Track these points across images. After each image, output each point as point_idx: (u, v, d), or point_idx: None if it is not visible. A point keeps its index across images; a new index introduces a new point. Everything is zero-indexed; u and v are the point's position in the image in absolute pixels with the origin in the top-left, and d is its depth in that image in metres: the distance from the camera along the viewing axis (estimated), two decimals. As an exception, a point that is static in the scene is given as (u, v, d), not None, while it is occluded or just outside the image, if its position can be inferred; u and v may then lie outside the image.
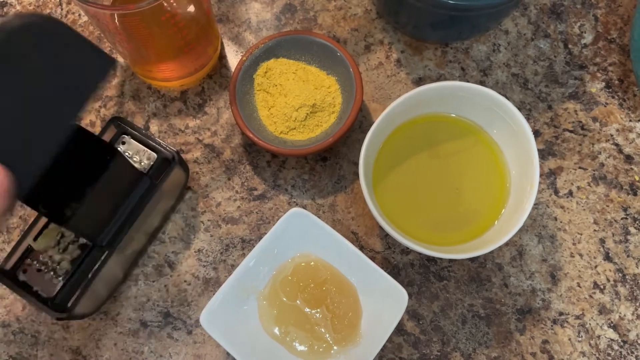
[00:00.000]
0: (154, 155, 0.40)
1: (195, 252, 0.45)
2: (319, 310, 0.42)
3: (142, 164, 0.40)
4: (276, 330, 0.42)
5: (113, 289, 0.43)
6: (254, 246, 0.45)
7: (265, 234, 0.45)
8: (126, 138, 0.41)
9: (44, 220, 0.38)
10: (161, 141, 0.41)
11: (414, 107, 0.43)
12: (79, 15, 0.51)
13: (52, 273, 0.38)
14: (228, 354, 0.43)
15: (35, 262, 0.38)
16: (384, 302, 0.41)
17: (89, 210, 0.33)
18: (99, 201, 0.34)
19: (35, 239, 0.37)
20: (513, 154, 0.42)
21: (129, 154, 0.40)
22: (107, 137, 0.40)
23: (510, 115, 0.41)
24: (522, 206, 0.40)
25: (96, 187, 0.32)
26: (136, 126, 0.41)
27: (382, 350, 0.43)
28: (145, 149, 0.41)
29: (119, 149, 0.40)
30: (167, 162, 0.41)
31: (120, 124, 0.41)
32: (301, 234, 0.42)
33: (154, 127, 0.48)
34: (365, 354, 0.40)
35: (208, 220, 0.46)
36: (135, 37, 0.40)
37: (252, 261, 0.41)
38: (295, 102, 0.45)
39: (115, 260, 0.39)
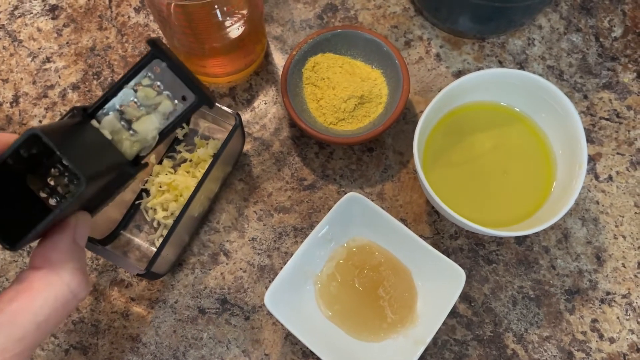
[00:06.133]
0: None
1: (249, 240, 0.47)
2: (375, 292, 0.43)
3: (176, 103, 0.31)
4: (333, 313, 0.43)
5: (180, 252, 0.46)
6: (306, 234, 0.47)
7: (317, 222, 0.47)
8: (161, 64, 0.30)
9: None
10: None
11: (460, 96, 0.45)
12: (128, 17, 0.53)
13: None
14: (285, 338, 0.44)
15: None
16: (439, 283, 0.42)
17: None
18: None
19: None
20: (558, 136, 0.44)
21: (159, 86, 0.31)
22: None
23: (555, 99, 0.43)
24: (571, 186, 0.41)
25: None
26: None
27: (436, 332, 0.44)
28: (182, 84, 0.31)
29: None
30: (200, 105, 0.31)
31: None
32: (356, 218, 0.43)
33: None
34: (424, 333, 0.41)
35: (260, 209, 0.47)
36: (198, 28, 0.41)
37: (311, 244, 0.42)
38: (343, 93, 0.47)
39: (183, 224, 0.41)
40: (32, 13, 0.53)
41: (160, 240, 0.46)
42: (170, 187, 0.45)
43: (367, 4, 0.53)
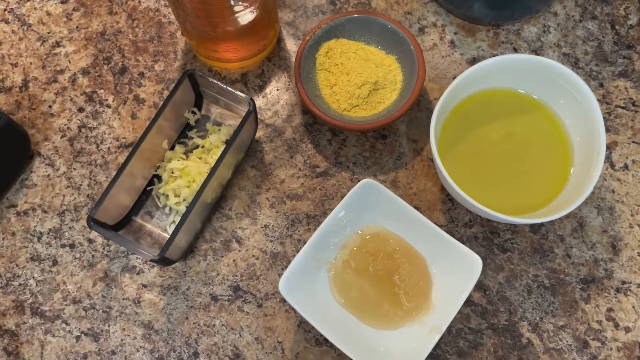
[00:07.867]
0: None
1: (261, 227, 0.46)
2: (390, 280, 0.43)
3: None
4: (347, 300, 0.42)
5: (192, 239, 0.45)
6: (319, 222, 0.46)
7: (330, 209, 0.46)
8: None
9: None
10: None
11: (476, 82, 0.44)
12: (139, 1, 0.52)
13: None
14: (298, 325, 0.44)
15: None
16: (454, 271, 0.42)
17: None
18: None
19: None
20: (576, 123, 0.43)
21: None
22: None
23: (572, 85, 0.42)
24: (589, 173, 0.41)
25: None
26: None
27: (451, 321, 0.43)
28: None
29: None
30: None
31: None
32: (371, 205, 0.43)
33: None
34: (440, 321, 0.40)
35: (273, 197, 0.47)
36: (212, 11, 0.41)
37: (326, 230, 0.42)
38: (357, 79, 0.46)
39: (196, 210, 0.41)
40: (41, -3, 0.52)
41: (172, 226, 0.45)
42: (183, 173, 0.44)
43: (380, -10, 0.52)
